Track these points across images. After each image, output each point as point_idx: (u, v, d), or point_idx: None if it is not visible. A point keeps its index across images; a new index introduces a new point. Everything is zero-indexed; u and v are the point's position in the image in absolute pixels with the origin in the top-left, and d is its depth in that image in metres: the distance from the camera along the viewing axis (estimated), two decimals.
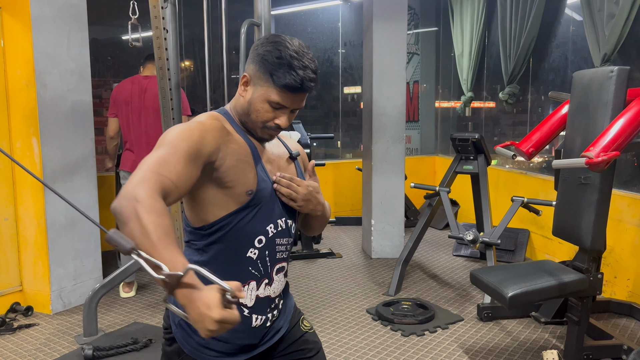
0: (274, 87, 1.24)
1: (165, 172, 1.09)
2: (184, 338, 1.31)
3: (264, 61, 1.24)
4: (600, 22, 3.61)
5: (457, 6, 5.97)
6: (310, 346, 1.48)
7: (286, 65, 1.23)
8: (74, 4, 3.38)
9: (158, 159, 1.11)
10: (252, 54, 1.29)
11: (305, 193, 1.35)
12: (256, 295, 1.32)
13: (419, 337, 3.08)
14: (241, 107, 1.30)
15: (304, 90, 1.26)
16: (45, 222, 3.31)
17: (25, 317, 3.33)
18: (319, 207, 1.39)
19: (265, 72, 1.24)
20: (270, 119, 1.28)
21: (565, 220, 2.67)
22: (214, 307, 0.92)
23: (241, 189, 1.25)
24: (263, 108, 1.26)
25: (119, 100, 3.64)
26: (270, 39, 1.27)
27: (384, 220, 4.65)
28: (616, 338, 2.81)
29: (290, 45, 1.25)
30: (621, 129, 2.28)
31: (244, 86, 1.29)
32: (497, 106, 5.56)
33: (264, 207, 1.30)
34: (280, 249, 1.36)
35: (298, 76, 1.23)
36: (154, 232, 0.97)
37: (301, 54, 1.25)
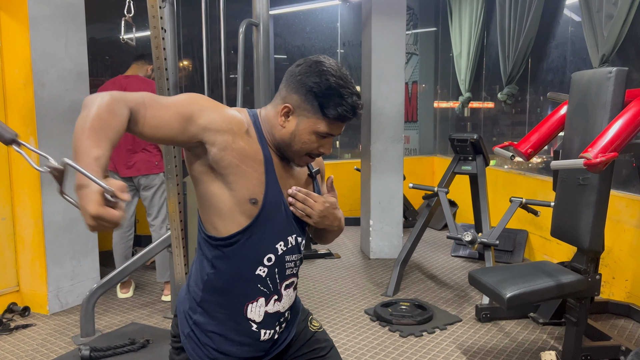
0: (323, 119, 1.21)
1: (148, 104, 1.12)
2: (193, 349, 1.30)
3: (312, 93, 1.19)
4: (599, 23, 3.61)
5: (456, 6, 5.97)
6: (322, 345, 1.47)
7: (336, 96, 1.19)
8: (72, 3, 3.37)
9: (155, 96, 1.15)
10: (293, 83, 1.22)
11: (322, 209, 1.30)
12: (265, 311, 1.30)
13: (417, 337, 3.07)
14: (280, 137, 1.25)
15: (355, 118, 1.23)
16: (43, 222, 3.30)
17: (22, 318, 3.32)
18: (335, 222, 1.35)
19: (314, 105, 1.20)
20: (315, 148, 1.25)
21: (563, 221, 2.66)
22: (91, 202, 0.93)
23: (244, 194, 1.21)
24: (310, 139, 1.23)
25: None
26: (314, 67, 1.21)
27: (382, 220, 4.64)
28: (614, 339, 2.80)
29: (335, 71, 1.20)
30: (619, 130, 2.28)
31: (284, 117, 1.24)
32: (496, 106, 5.56)
33: (273, 223, 1.26)
34: (289, 265, 1.33)
35: (349, 105, 1.20)
36: (92, 121, 1.02)
37: (345, 79, 1.21)
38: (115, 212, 0.95)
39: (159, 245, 3.14)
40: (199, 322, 1.29)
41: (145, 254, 3.14)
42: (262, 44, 3.01)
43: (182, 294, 1.36)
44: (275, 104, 1.27)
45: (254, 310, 1.29)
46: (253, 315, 1.29)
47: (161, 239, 3.13)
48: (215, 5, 3.23)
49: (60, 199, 3.15)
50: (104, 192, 0.95)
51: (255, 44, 3.04)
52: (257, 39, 3.02)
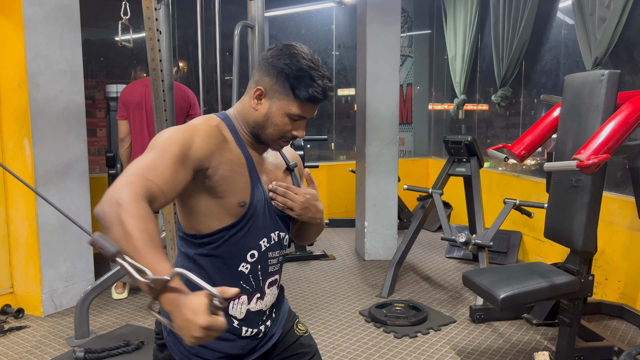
0: (295, 100, 1.22)
1: (151, 176, 1.06)
2: (174, 345, 1.30)
3: (283, 74, 1.21)
4: (592, 26, 3.64)
5: (451, 9, 6.00)
6: (305, 350, 1.47)
7: (307, 78, 1.21)
8: (67, 4, 3.37)
9: (145, 163, 1.09)
10: (265, 66, 1.25)
11: (303, 201, 1.32)
12: (247, 309, 1.31)
13: (412, 338, 3.08)
14: (254, 120, 1.26)
15: (325, 100, 1.25)
16: (37, 224, 3.29)
17: (16, 319, 3.31)
18: (317, 214, 1.36)
19: (285, 86, 1.22)
20: (289, 130, 1.26)
21: (556, 223, 2.68)
22: (200, 313, 0.90)
23: (234, 200, 1.23)
24: (282, 121, 1.24)
25: (130, 103, 3.53)
26: (285, 50, 1.23)
27: (377, 222, 4.65)
28: (607, 339, 2.82)
29: (306, 55, 1.23)
30: (612, 132, 2.30)
31: (257, 99, 1.25)
32: (490, 109, 5.59)
33: (257, 220, 1.28)
34: (272, 262, 1.34)
35: (319, 87, 1.22)
36: (138, 237, 0.94)
37: (316, 63, 1.24)
38: (222, 319, 0.92)
39: None
40: None
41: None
42: (257, 45, 3.01)
43: None
44: (248, 90, 1.30)
45: (235, 307, 1.29)
46: (234, 312, 1.30)
47: None
48: (210, 7, 3.23)
49: (54, 198, 3.09)
50: (214, 298, 0.91)
51: (251, 45, 3.04)
52: (252, 41, 3.02)
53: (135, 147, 3.59)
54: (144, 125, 3.53)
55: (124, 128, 3.60)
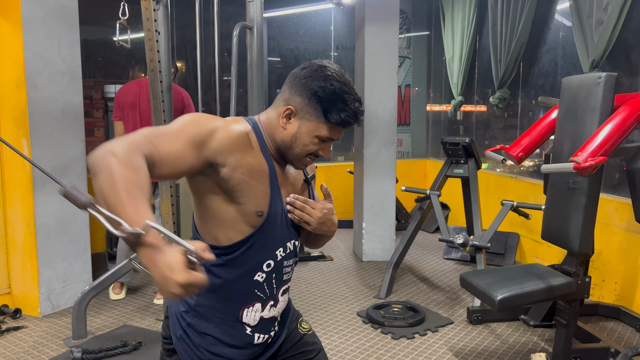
0: (326, 123, 1.22)
1: (156, 142, 1.06)
2: (185, 351, 1.30)
3: (316, 97, 1.20)
4: (589, 29, 3.65)
5: (449, 11, 6.01)
6: (310, 347, 1.48)
7: (340, 102, 1.20)
8: (65, 4, 3.37)
9: (158, 130, 1.09)
10: (297, 86, 1.23)
11: (320, 216, 1.31)
12: (260, 317, 1.31)
13: (409, 340, 3.09)
14: (281, 139, 1.25)
15: (357, 124, 1.24)
16: (35, 224, 3.29)
17: (13, 320, 3.30)
18: (332, 228, 1.36)
19: (317, 108, 1.21)
20: (315, 151, 1.25)
21: (554, 224, 2.69)
22: (177, 270, 0.87)
23: (251, 208, 1.21)
24: (311, 142, 1.24)
25: (125, 103, 3.55)
26: (319, 71, 1.21)
27: (375, 223, 4.66)
28: (604, 341, 2.83)
29: (339, 77, 1.21)
30: (609, 134, 2.31)
31: (286, 118, 1.24)
32: (488, 110, 5.60)
33: (275, 231, 1.27)
34: (286, 270, 1.34)
35: (352, 111, 1.21)
36: (124, 185, 0.93)
37: (349, 85, 1.22)
38: (202, 275, 0.90)
39: None
40: (193, 324, 1.29)
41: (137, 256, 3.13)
42: (255, 46, 3.02)
43: None
44: (276, 106, 1.27)
45: (249, 315, 1.30)
46: (248, 319, 1.30)
47: None
48: (209, 8, 3.24)
49: (52, 199, 3.11)
50: (188, 253, 0.89)
51: (249, 46, 3.05)
52: (250, 42, 3.03)
53: None
54: (138, 125, 3.54)
55: (119, 129, 3.62)
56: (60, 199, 3.52)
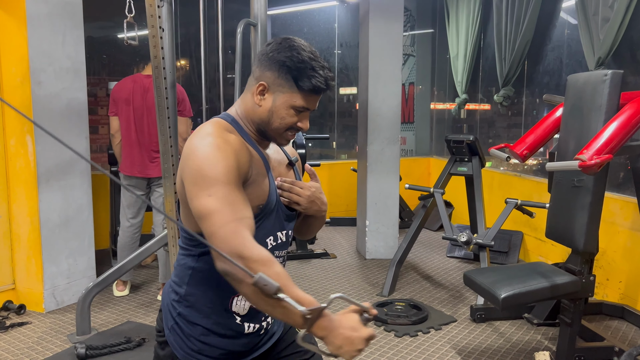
0: (299, 92, 1.23)
1: (239, 214, 1.11)
2: (177, 343, 1.30)
3: (285, 67, 1.22)
4: (595, 26, 3.63)
5: (453, 8, 5.99)
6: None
7: (309, 69, 1.22)
8: (70, 1, 3.37)
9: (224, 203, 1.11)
10: (265, 61, 1.25)
11: (309, 195, 1.34)
12: (250, 306, 1.31)
13: (412, 337, 3.09)
14: (259, 116, 1.26)
15: (328, 90, 1.26)
16: (39, 220, 3.30)
17: (17, 316, 3.32)
18: (323, 207, 1.38)
19: (288, 78, 1.22)
20: (294, 123, 1.27)
21: (558, 223, 2.68)
22: (360, 328, 1.02)
23: (255, 203, 1.23)
24: (288, 114, 1.25)
25: (119, 99, 3.58)
26: (284, 43, 1.24)
27: (378, 221, 4.65)
28: (608, 340, 2.83)
29: (305, 47, 1.24)
30: (614, 132, 2.30)
31: (260, 95, 1.25)
32: (492, 108, 5.58)
33: (267, 219, 1.28)
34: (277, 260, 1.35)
35: (322, 77, 1.23)
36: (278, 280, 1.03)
37: (315, 54, 1.25)
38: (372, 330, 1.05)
39: (155, 244, 3.14)
40: (184, 314, 1.30)
41: (141, 253, 3.14)
42: (259, 44, 3.01)
43: (166, 288, 1.37)
44: (249, 87, 1.29)
45: (238, 304, 1.30)
46: (237, 308, 1.30)
47: (157, 238, 3.13)
48: (213, 5, 3.23)
49: (56, 195, 3.10)
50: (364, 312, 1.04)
51: (253, 44, 3.05)
52: (254, 39, 3.02)
53: (123, 143, 3.63)
54: (131, 121, 3.56)
55: (115, 124, 3.64)
56: (64, 195, 3.54)
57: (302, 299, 1.03)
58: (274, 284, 1.00)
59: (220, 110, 3.51)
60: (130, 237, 3.67)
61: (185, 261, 1.30)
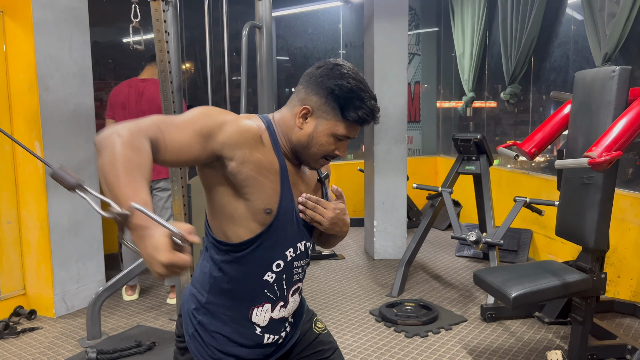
0: (343, 121, 1.22)
1: (164, 129, 1.08)
2: (197, 349, 1.30)
3: (333, 95, 1.20)
4: (602, 22, 3.61)
5: (458, 6, 5.97)
6: (326, 347, 1.47)
7: (357, 100, 1.20)
8: (76, 7, 3.39)
9: (168, 118, 1.11)
10: (313, 84, 1.23)
11: (333, 216, 1.31)
12: (270, 317, 1.31)
13: (423, 338, 3.07)
14: (297, 139, 1.24)
15: (374, 122, 1.24)
16: (48, 225, 3.31)
17: (28, 321, 3.34)
18: (345, 228, 1.36)
19: (334, 107, 1.21)
20: (332, 150, 1.25)
21: (568, 220, 2.66)
22: (161, 250, 0.89)
23: (259, 205, 1.21)
24: (327, 141, 1.23)
25: (116, 103, 3.61)
26: (335, 70, 1.22)
27: (386, 221, 4.64)
28: (620, 338, 2.80)
29: (354, 75, 1.22)
30: (623, 128, 2.28)
31: (302, 118, 1.23)
32: (499, 106, 5.56)
33: (285, 230, 1.27)
34: (297, 271, 1.33)
35: (369, 109, 1.21)
36: (124, 164, 0.95)
37: (364, 83, 1.23)
38: (186, 257, 0.91)
39: None
40: (204, 322, 1.30)
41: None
42: (265, 46, 3.02)
43: (186, 294, 1.36)
44: (292, 106, 1.27)
45: (259, 315, 1.29)
46: (258, 319, 1.30)
47: None
48: (217, 8, 3.24)
49: (65, 199, 3.12)
50: (173, 235, 0.91)
51: (258, 46, 3.05)
52: (260, 41, 3.03)
53: None
54: None
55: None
56: (72, 200, 3.55)
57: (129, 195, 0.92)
58: (70, 180, 0.93)
59: None
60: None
61: (208, 269, 1.30)
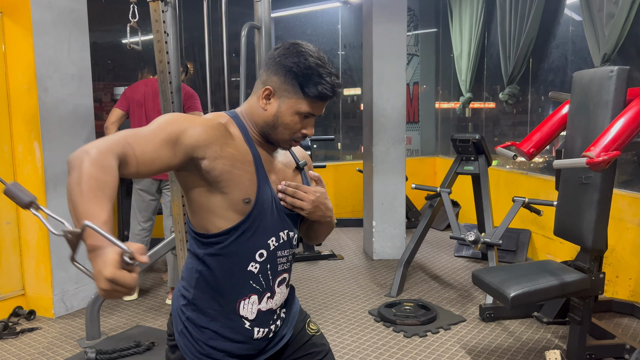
0: (304, 98, 1.23)
1: (133, 142, 1.10)
2: (186, 346, 1.31)
3: (291, 72, 1.22)
4: (600, 22, 3.62)
5: (456, 7, 5.99)
6: (318, 349, 1.47)
7: (316, 75, 1.22)
8: (74, 8, 3.39)
9: (134, 131, 1.13)
10: (272, 65, 1.25)
11: (313, 199, 1.32)
12: (258, 309, 1.31)
13: (422, 338, 3.08)
14: (263, 120, 1.27)
15: (334, 96, 1.25)
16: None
17: (27, 321, 3.34)
18: (327, 212, 1.37)
19: (294, 84, 1.23)
20: (299, 129, 1.27)
21: (566, 220, 2.67)
22: (108, 266, 0.90)
23: (237, 196, 1.22)
24: (292, 120, 1.25)
25: (133, 100, 3.60)
26: (292, 48, 1.24)
27: (385, 221, 4.65)
28: (618, 337, 2.81)
29: (313, 52, 1.24)
30: (621, 128, 2.29)
31: (265, 99, 1.26)
32: (497, 107, 5.57)
33: (265, 219, 1.28)
34: (281, 261, 1.34)
35: (328, 84, 1.23)
36: (87, 182, 0.97)
37: (323, 60, 1.25)
38: (131, 276, 0.91)
39: (163, 248, 3.15)
40: (192, 318, 1.30)
41: (149, 257, 3.15)
42: (264, 46, 3.02)
43: (176, 292, 1.37)
44: (256, 91, 1.30)
45: (246, 308, 1.30)
46: (246, 312, 1.30)
47: (165, 242, 3.14)
48: (216, 9, 3.24)
49: (64, 200, 3.15)
50: (123, 254, 0.91)
51: (257, 46, 3.05)
52: (259, 42, 3.03)
53: None
54: (143, 123, 3.59)
55: (114, 117, 3.60)
56: None
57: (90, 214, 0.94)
58: (24, 197, 0.94)
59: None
60: (141, 241, 3.68)
61: (193, 265, 1.31)
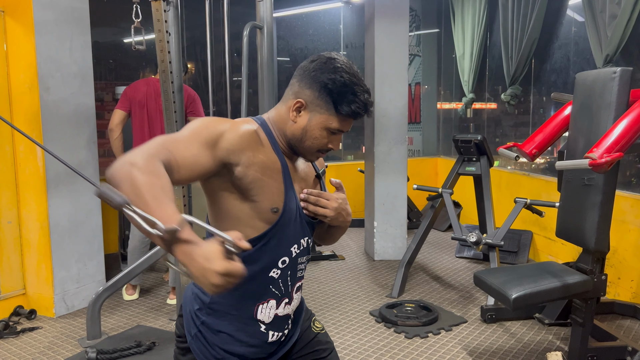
0: (336, 115, 1.22)
1: (172, 148, 1.08)
2: (200, 350, 1.30)
3: (326, 89, 1.21)
4: (602, 23, 3.61)
5: (459, 7, 5.98)
6: (323, 347, 1.48)
7: (350, 93, 1.21)
8: (76, 7, 3.39)
9: (172, 137, 1.12)
10: (306, 78, 1.23)
11: (336, 207, 1.32)
12: (275, 314, 1.31)
13: (423, 339, 3.07)
14: (291, 132, 1.26)
15: (366, 115, 1.24)
16: (49, 225, 3.31)
17: (28, 321, 3.33)
18: (348, 218, 1.37)
19: (328, 101, 1.22)
20: (325, 144, 1.26)
21: (568, 222, 2.66)
22: (214, 260, 0.88)
23: (266, 205, 1.22)
24: (321, 135, 1.25)
25: (134, 99, 3.59)
26: (328, 63, 1.22)
27: (386, 222, 4.64)
28: (620, 339, 2.80)
29: (348, 69, 1.22)
30: (624, 130, 2.28)
31: (296, 112, 1.25)
32: (499, 107, 5.56)
33: (290, 228, 1.28)
34: (300, 267, 1.35)
35: (362, 102, 1.22)
36: (148, 190, 0.94)
37: (357, 77, 1.23)
38: (239, 265, 0.89)
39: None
40: (208, 322, 1.29)
41: (150, 257, 3.15)
42: (266, 46, 3.02)
43: (187, 294, 1.36)
44: (286, 100, 1.28)
45: (263, 312, 1.30)
46: (262, 316, 1.30)
47: None
48: (218, 8, 3.24)
49: (65, 200, 3.12)
50: (225, 243, 0.88)
51: (259, 46, 3.05)
52: (261, 42, 3.03)
53: (135, 144, 3.63)
54: (145, 123, 3.59)
55: (116, 118, 3.60)
56: (73, 200, 3.55)
57: (164, 217, 0.90)
58: (117, 198, 0.90)
59: (227, 114, 3.52)
60: (141, 241, 3.68)
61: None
